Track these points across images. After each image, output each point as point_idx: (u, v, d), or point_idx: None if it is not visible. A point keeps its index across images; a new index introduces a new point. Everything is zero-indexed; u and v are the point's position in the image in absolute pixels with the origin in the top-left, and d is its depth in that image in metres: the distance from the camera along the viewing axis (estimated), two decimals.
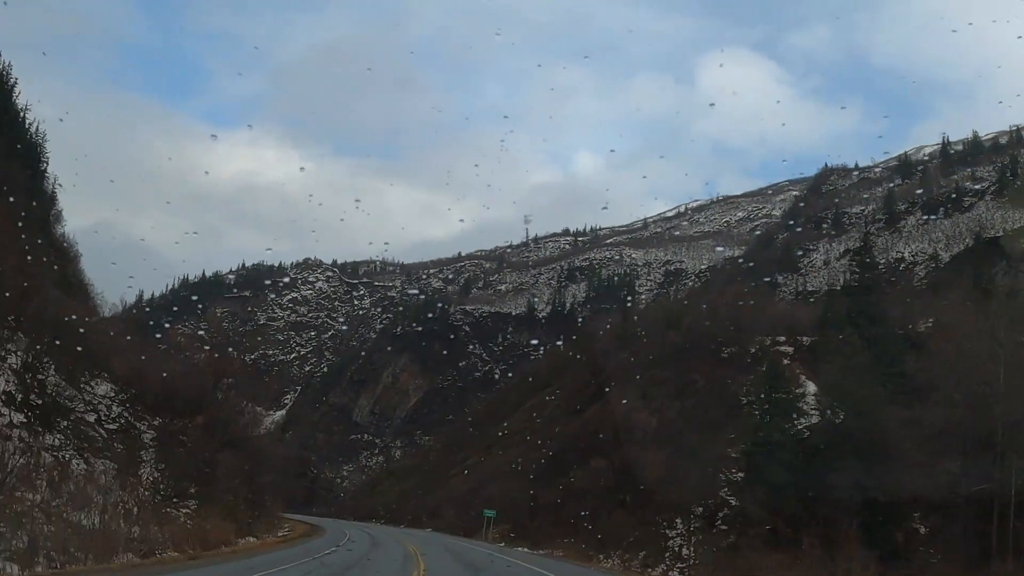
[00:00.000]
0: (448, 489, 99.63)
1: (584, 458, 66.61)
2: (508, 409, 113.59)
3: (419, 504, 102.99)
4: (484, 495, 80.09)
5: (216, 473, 50.17)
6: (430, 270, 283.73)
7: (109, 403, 51.22)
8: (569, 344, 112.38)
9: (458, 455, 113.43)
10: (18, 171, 54.35)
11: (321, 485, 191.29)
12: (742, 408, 69.47)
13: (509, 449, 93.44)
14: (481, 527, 75.82)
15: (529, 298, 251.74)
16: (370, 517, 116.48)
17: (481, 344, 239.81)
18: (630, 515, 59.64)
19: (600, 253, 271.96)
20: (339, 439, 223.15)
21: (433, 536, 75.87)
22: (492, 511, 74.52)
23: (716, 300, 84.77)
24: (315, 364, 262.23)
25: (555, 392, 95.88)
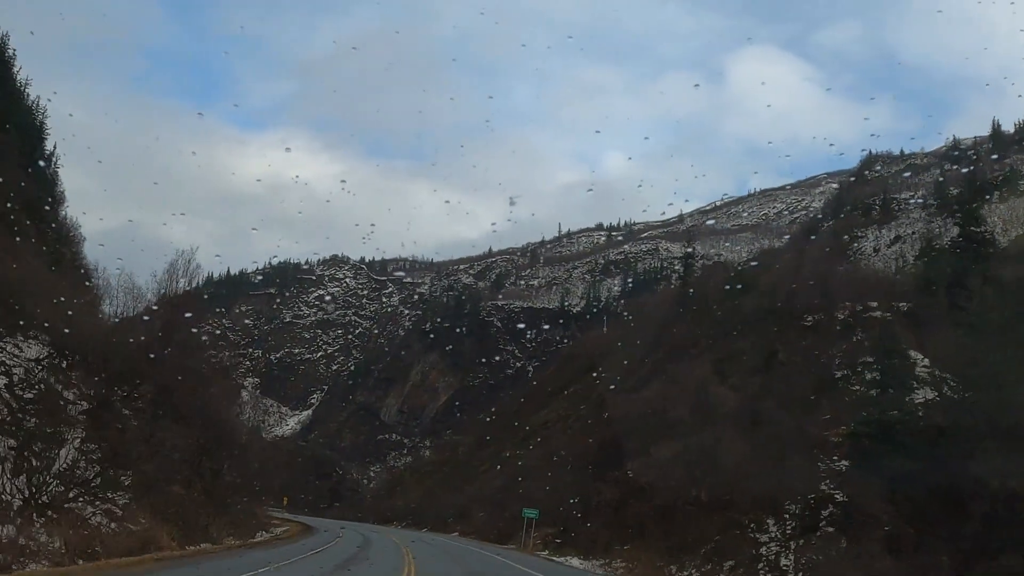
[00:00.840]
0: (478, 487, 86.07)
1: (645, 445, 53.00)
2: (546, 397, 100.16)
3: (445, 504, 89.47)
4: (521, 493, 66.21)
5: (162, 459, 36.82)
6: (460, 267, 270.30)
7: (33, 367, 38.16)
8: (615, 325, 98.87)
9: (489, 449, 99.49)
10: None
11: (346, 486, 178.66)
12: (836, 383, 56.15)
13: (550, 440, 79.85)
14: (517, 531, 62.32)
15: (562, 293, 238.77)
16: (390, 519, 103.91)
17: (513, 340, 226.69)
18: (708, 515, 45.97)
19: (636, 247, 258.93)
20: (366, 439, 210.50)
21: (456, 545, 61.80)
22: (534, 511, 60.74)
23: (793, 263, 70.95)
24: (342, 363, 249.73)
25: (601, 376, 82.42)
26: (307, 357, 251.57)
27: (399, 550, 45.72)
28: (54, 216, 60.05)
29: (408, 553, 43.14)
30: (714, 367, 57.61)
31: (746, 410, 52.11)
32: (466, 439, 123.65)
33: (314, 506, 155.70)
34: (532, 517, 60.66)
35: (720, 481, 47.32)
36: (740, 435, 49.99)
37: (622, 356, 75.22)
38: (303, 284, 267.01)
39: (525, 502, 61.37)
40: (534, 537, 60.80)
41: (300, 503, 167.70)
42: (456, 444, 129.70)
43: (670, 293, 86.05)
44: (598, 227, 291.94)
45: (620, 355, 77.02)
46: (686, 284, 78.80)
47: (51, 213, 58.71)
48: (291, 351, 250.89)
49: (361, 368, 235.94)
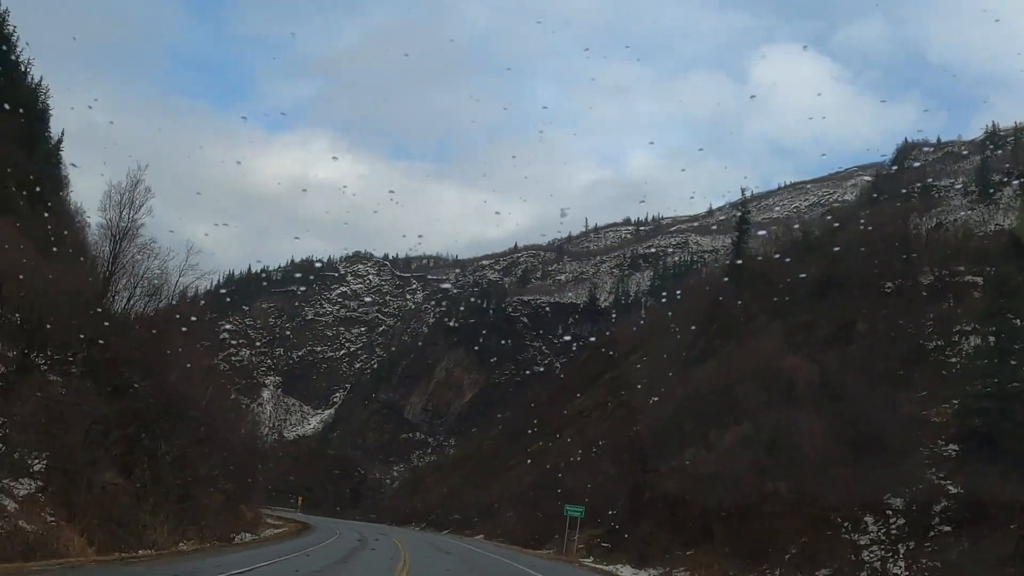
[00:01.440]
0: (507, 484, 76.37)
1: (703, 429, 43.95)
2: (582, 383, 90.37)
3: (470, 504, 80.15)
4: (556, 489, 56.65)
5: (95, 440, 27.89)
6: (485, 262, 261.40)
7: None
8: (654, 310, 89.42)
9: (518, 442, 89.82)
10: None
11: (368, 486, 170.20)
12: (929, 355, 46.99)
13: (588, 429, 70.00)
14: (553, 532, 52.98)
15: (590, 287, 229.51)
16: (409, 520, 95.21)
17: (540, 336, 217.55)
18: (789, 511, 36.87)
19: (665, 240, 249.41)
20: (390, 438, 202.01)
21: (479, 553, 49.78)
22: (578, 508, 50.21)
23: (865, 225, 61.49)
24: (365, 361, 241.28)
25: (643, 359, 73.25)
26: (330, 355, 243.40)
27: (395, 558, 36.34)
28: (56, 197, 55.18)
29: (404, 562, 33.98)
30: (784, 337, 48.29)
31: (825, 387, 42.98)
32: (492, 432, 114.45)
33: (335, 507, 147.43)
34: (576, 516, 50.34)
35: (800, 471, 38.26)
36: (819, 415, 40.94)
37: (667, 338, 66.22)
38: (326, 281, 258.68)
39: (563, 500, 51.80)
40: (575, 540, 50.40)
41: (320, 503, 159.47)
42: (481, 438, 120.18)
43: (717, 270, 77.10)
44: (625, 222, 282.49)
45: (664, 337, 68.05)
46: (739, 254, 69.02)
47: (50, 194, 52.98)
48: (313, 349, 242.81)
49: (385, 366, 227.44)
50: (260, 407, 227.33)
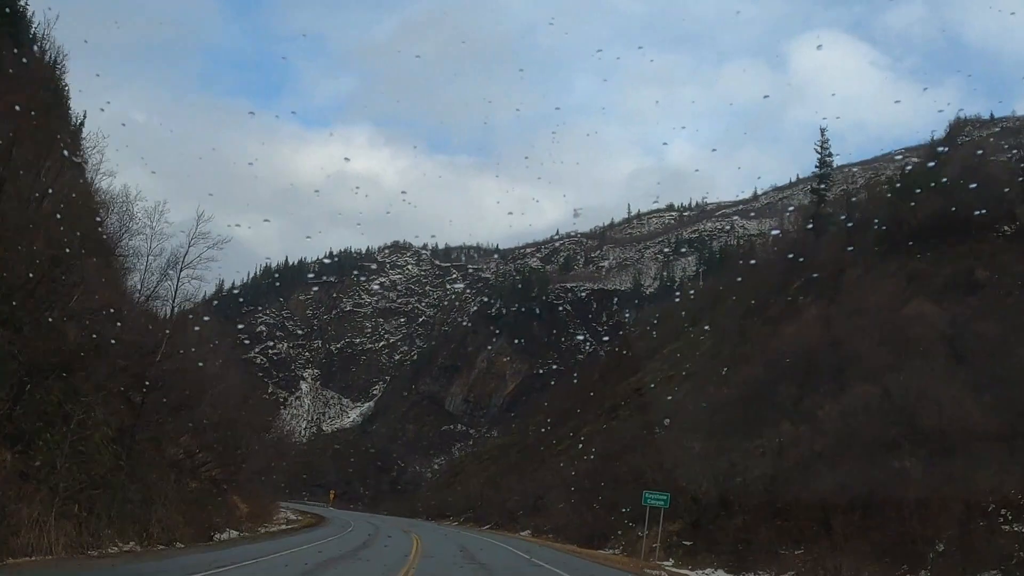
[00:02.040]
0: (555, 471, 66.47)
1: (799, 396, 34.89)
2: (644, 354, 79.97)
3: (514, 495, 70.78)
4: (618, 475, 47.73)
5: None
6: (527, 250, 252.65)
7: None
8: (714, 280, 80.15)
9: (568, 424, 79.96)
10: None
11: (408, 479, 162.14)
12: None
13: (652, 405, 59.84)
14: (614, 527, 43.40)
15: (635, 273, 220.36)
16: (446, 514, 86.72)
17: (584, 323, 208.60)
18: (931, 498, 27.77)
19: (710, 224, 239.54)
20: (430, 430, 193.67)
21: (520, 558, 37.33)
22: (661, 495, 38.04)
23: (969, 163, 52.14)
24: (405, 352, 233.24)
25: (704, 328, 64.27)
26: (369, 347, 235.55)
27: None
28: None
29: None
30: (899, 286, 39.07)
31: (957, 341, 33.83)
32: (537, 416, 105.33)
33: (372, 501, 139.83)
34: (659, 505, 37.80)
35: (938, 446, 29.18)
36: (955, 376, 31.82)
37: (741, 300, 57.26)
38: (364, 272, 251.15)
39: (625, 488, 42.47)
40: (648, 536, 38.65)
41: (358, 497, 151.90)
42: (526, 422, 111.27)
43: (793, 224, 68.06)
44: (668, 208, 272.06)
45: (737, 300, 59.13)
46: (821, 201, 59.31)
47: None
48: (352, 341, 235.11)
49: (424, 357, 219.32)
50: (298, 400, 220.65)
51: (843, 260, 46.40)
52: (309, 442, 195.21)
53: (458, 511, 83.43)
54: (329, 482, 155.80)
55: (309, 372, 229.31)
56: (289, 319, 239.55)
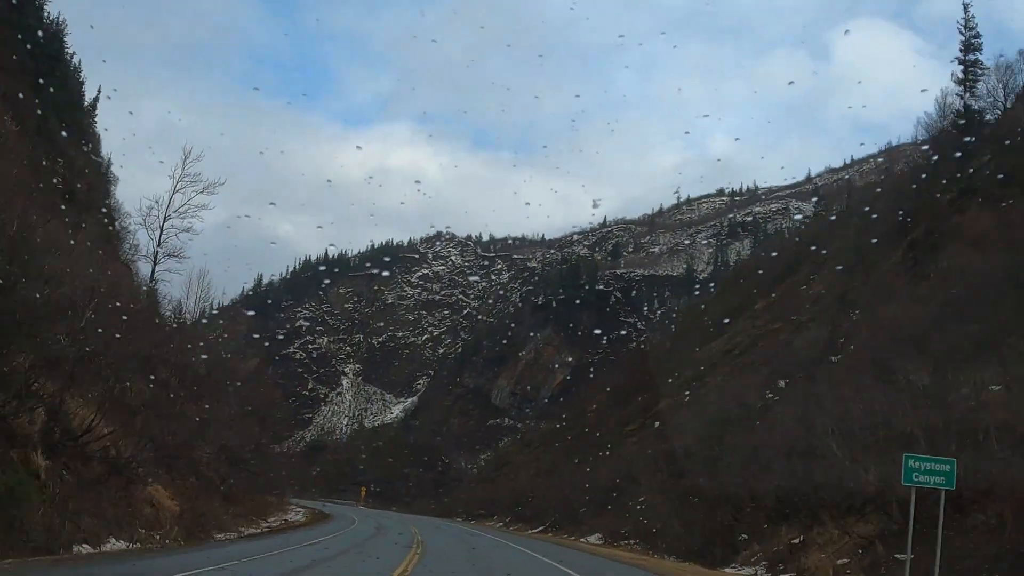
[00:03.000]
0: (628, 457, 51.96)
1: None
2: (726, 311, 64.96)
3: (574, 489, 56.13)
4: (720, 456, 33.59)
5: None
6: (573, 237, 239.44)
7: None
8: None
9: (632, 404, 65.15)
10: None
11: (452, 476, 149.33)
12: None
13: (759, 360, 47.09)
14: (733, 531, 28.79)
15: (687, 258, 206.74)
16: (490, 513, 73.50)
17: (635, 311, 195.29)
18: None
19: (764, 206, 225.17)
20: (475, 424, 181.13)
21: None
22: (944, 464, 18.98)
23: None
24: (449, 345, 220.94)
25: (809, 279, 50.73)
26: (411, 340, 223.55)
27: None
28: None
29: None
30: None
31: None
32: (597, 395, 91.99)
33: (412, 498, 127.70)
34: (935, 485, 18.51)
35: None
36: None
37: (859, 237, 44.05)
38: (406, 263, 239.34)
39: (743, 472, 28.81)
40: (825, 543, 23.36)
41: (398, 495, 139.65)
42: (583, 406, 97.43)
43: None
44: (719, 193, 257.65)
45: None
46: (970, 87, 45.06)
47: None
48: (394, 334, 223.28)
49: (469, 349, 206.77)
50: (339, 396, 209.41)
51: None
52: (349, 439, 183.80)
53: (504, 509, 70.20)
54: (369, 480, 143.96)
55: (350, 367, 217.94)
56: (329, 313, 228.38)
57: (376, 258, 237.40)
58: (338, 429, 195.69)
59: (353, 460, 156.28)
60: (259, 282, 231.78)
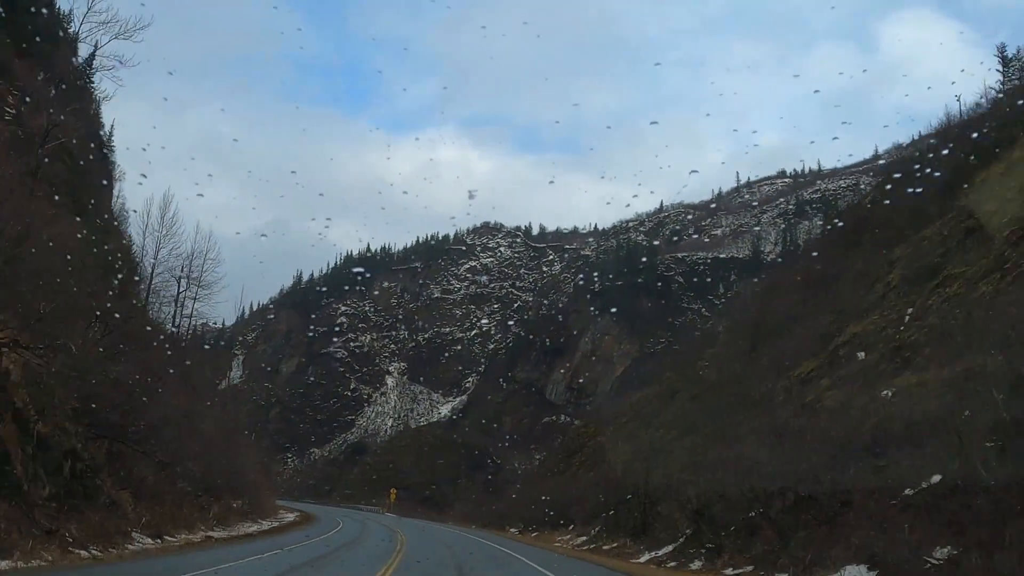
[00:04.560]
0: (724, 455, 33.10)
1: None
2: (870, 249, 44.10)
3: (645, 493, 36.52)
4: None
5: None
6: (629, 224, 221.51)
7: None
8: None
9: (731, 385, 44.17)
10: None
11: (505, 478, 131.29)
12: None
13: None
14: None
15: (753, 239, 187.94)
16: (559, 521, 53.03)
17: (699, 296, 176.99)
18: None
19: (832, 183, 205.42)
20: (530, 422, 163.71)
21: None
22: None
23: None
24: (499, 341, 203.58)
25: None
26: (460, 336, 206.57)
27: None
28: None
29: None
30: None
31: None
32: (668, 375, 73.27)
33: (457, 501, 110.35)
34: None
35: None
36: None
37: None
38: (452, 256, 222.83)
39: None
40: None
41: (444, 499, 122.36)
42: (655, 384, 77.96)
43: None
44: (780, 175, 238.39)
45: None
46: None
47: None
48: (441, 330, 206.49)
49: (521, 342, 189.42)
50: (383, 396, 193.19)
51: None
52: (391, 440, 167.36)
53: (585, 517, 49.56)
54: (412, 483, 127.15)
55: (395, 366, 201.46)
56: (372, 309, 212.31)
57: (421, 252, 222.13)
58: (382, 431, 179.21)
59: (395, 462, 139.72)
60: (299, 279, 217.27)
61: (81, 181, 41.39)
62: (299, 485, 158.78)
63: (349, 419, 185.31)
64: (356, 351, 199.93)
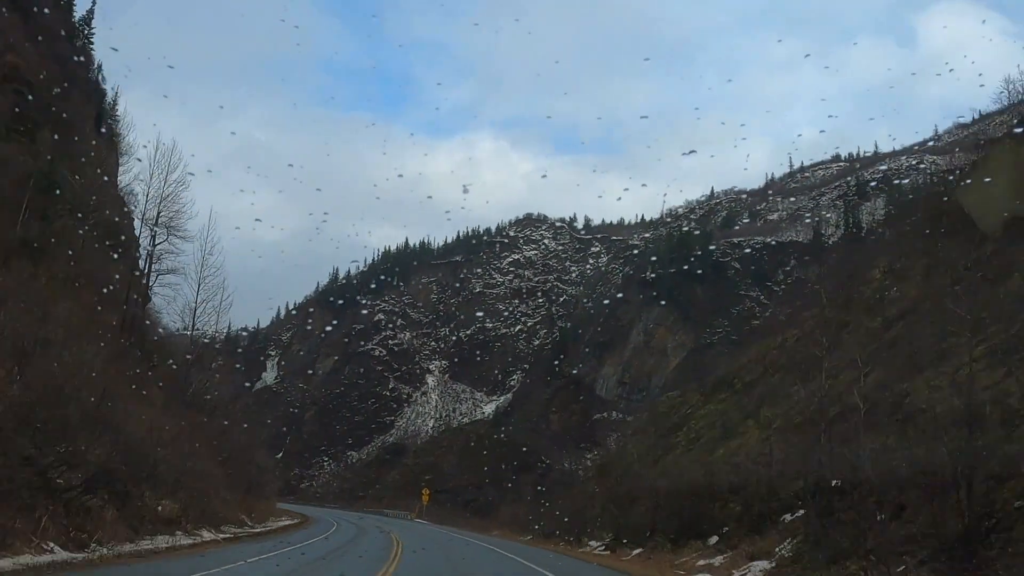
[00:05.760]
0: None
1: None
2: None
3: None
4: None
5: None
6: (679, 211, 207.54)
7: None
8: None
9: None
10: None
11: (554, 479, 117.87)
12: None
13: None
14: None
15: (814, 222, 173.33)
16: (639, 529, 36.55)
17: (757, 283, 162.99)
18: None
19: (894, 162, 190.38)
20: (578, 420, 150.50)
21: None
22: None
23: None
24: (544, 336, 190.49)
25: None
26: (503, 332, 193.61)
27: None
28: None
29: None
30: None
31: None
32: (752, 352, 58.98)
33: (498, 505, 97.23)
34: None
35: None
36: None
37: None
38: (494, 249, 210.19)
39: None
40: None
41: (488, 503, 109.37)
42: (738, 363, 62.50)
43: None
44: (835, 159, 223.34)
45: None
46: None
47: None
48: (483, 326, 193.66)
49: (568, 336, 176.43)
50: (424, 397, 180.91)
51: None
52: (432, 440, 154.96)
53: (739, 524, 30.01)
54: (453, 486, 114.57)
55: (436, 364, 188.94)
56: (411, 305, 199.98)
57: (461, 247, 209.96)
58: (423, 433, 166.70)
59: (435, 464, 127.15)
60: (335, 276, 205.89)
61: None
62: (334, 490, 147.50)
63: (388, 420, 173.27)
64: (395, 349, 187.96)
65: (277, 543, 33.74)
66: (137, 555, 22.30)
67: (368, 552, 31.81)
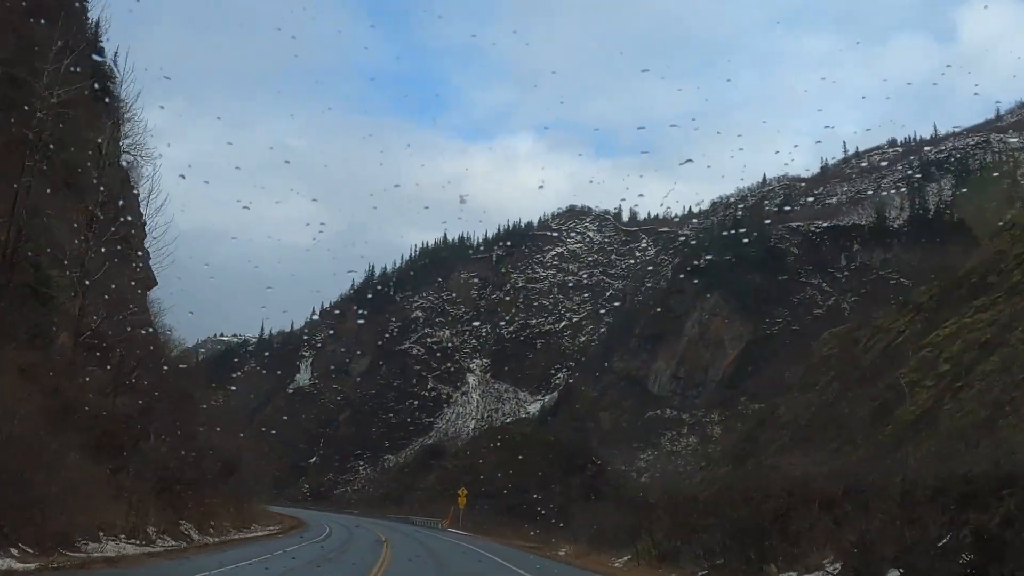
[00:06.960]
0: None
1: None
2: None
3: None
4: None
5: None
6: (730, 199, 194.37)
7: None
8: None
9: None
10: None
11: (607, 479, 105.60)
12: None
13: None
14: None
15: (877, 204, 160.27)
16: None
17: (818, 270, 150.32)
18: None
19: (960, 141, 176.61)
20: (630, 418, 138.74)
21: None
22: None
23: None
24: (591, 332, 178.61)
25: None
26: (547, 328, 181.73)
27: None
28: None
29: None
30: None
31: None
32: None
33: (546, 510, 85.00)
34: None
35: None
36: None
37: None
38: (537, 242, 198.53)
39: None
40: None
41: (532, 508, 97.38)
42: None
43: None
44: (891, 144, 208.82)
45: None
46: None
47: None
48: (527, 322, 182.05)
49: (617, 331, 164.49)
50: (465, 396, 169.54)
51: None
52: (472, 440, 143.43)
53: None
54: (495, 489, 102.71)
55: (477, 363, 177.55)
56: (450, 302, 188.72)
57: (502, 240, 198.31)
58: (463, 434, 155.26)
59: (477, 466, 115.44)
60: (371, 273, 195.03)
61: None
62: (369, 496, 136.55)
63: (427, 422, 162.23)
64: (433, 348, 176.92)
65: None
66: None
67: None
